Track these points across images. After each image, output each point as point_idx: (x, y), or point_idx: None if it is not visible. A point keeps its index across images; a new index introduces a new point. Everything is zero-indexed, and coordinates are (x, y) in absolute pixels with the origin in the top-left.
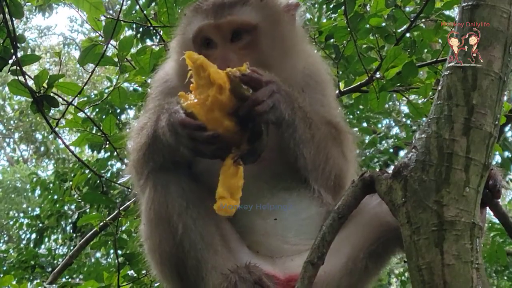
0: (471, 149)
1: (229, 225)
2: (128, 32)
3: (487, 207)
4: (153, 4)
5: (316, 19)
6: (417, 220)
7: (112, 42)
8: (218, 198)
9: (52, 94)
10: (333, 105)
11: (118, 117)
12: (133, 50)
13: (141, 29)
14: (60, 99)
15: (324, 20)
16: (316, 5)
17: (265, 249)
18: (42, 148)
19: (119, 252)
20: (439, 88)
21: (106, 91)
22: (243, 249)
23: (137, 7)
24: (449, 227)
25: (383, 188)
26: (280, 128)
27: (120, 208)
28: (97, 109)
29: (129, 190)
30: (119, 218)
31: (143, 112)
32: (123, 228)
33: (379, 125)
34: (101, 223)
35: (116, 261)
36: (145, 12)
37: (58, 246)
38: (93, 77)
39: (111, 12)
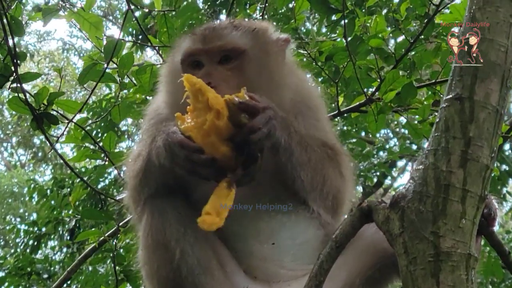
0: (468, 181)
1: (226, 250)
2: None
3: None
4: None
5: (314, 34)
6: (414, 251)
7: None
8: (204, 214)
9: (52, 111)
10: (327, 129)
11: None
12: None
13: (140, 36)
14: (61, 115)
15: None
16: (315, 19)
17: (262, 274)
18: (40, 153)
19: (118, 267)
20: (437, 120)
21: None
22: (240, 274)
23: (135, 18)
24: (445, 258)
25: (381, 218)
26: (277, 154)
27: (119, 224)
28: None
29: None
30: (118, 235)
31: (137, 142)
32: (122, 243)
33: (377, 135)
34: (100, 239)
35: (115, 277)
36: (143, 28)
37: (55, 253)
38: (91, 83)
39: (110, 18)
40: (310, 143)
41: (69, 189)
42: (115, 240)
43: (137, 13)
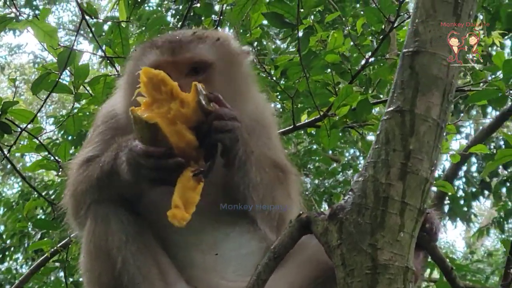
0: (407, 194)
1: (168, 260)
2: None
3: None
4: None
5: (270, 49)
6: (351, 263)
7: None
8: (174, 206)
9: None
10: (278, 148)
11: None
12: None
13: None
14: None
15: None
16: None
17: (203, 285)
18: (9, 166)
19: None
20: (378, 132)
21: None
22: (181, 284)
23: (89, 27)
24: (382, 270)
25: (319, 230)
26: (232, 168)
27: (71, 235)
28: (62, 132)
29: None
30: (70, 245)
31: (86, 143)
32: (74, 254)
33: (346, 154)
34: (52, 250)
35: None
36: (102, 37)
37: (19, 266)
38: (62, 96)
39: (82, 32)
40: (263, 163)
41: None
42: (68, 250)
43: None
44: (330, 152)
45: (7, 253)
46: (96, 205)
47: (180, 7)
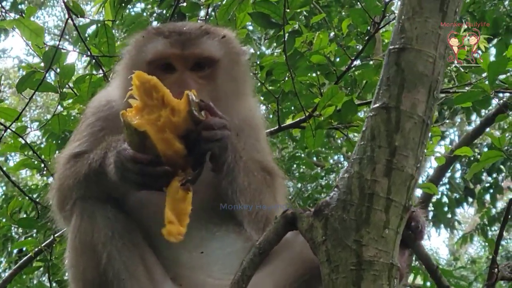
0: (392, 191)
1: (154, 257)
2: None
3: (410, 248)
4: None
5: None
6: (336, 259)
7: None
8: (168, 223)
9: None
10: (266, 150)
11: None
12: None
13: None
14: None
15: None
16: (261, 40)
17: (189, 283)
18: None
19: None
20: (363, 129)
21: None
22: (167, 282)
23: (75, 27)
24: (367, 267)
25: (305, 226)
26: (220, 173)
27: (55, 235)
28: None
29: None
30: (54, 245)
31: (74, 136)
32: (58, 254)
33: (330, 160)
34: (36, 249)
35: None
36: (86, 41)
37: (1, 270)
38: (47, 101)
39: (66, 37)
40: (251, 167)
41: (19, 207)
42: (51, 250)
43: (82, 23)
44: (315, 158)
45: None
46: (83, 201)
47: (164, 11)
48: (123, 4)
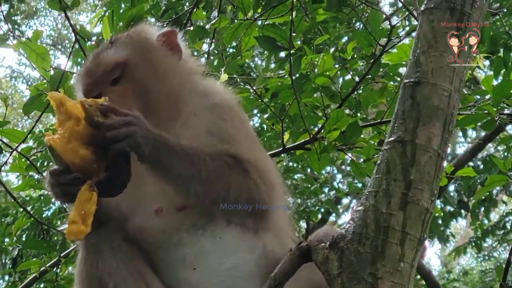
0: (407, 224)
1: (158, 281)
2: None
3: None
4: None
5: (261, 71)
6: None
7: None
8: (70, 223)
9: None
10: (236, 135)
11: None
12: None
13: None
14: (5, 144)
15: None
16: (263, 55)
17: None
18: None
19: None
20: (378, 162)
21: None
22: None
23: (82, 50)
24: None
25: (320, 258)
26: (151, 169)
27: (61, 255)
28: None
29: None
30: (59, 265)
31: None
32: (64, 274)
33: (323, 172)
34: (41, 269)
35: None
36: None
37: None
38: (42, 119)
39: (59, 47)
40: (197, 154)
41: (12, 218)
42: (57, 270)
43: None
44: (309, 170)
45: None
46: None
47: (165, 24)
48: (132, 24)
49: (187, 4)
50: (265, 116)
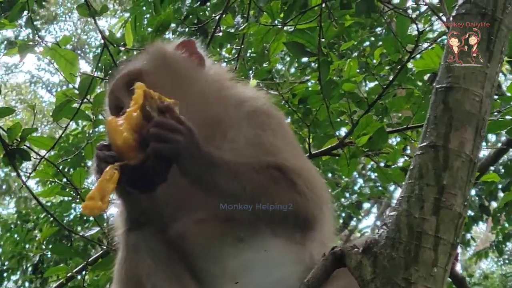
0: (441, 229)
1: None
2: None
3: None
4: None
5: (288, 76)
6: None
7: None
8: (87, 199)
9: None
10: (278, 144)
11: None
12: None
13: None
14: (31, 149)
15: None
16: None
17: None
18: (4, 186)
19: None
20: (411, 167)
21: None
22: None
23: (110, 55)
24: None
25: (353, 263)
26: (191, 182)
27: (88, 260)
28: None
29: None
30: (86, 271)
31: None
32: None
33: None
34: (68, 275)
35: None
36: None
37: (19, 287)
38: (62, 124)
39: (79, 52)
40: (242, 169)
41: (33, 224)
42: (85, 276)
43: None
44: (330, 175)
45: (5, 274)
46: (128, 233)
47: (186, 29)
48: (161, 29)
49: (209, 9)
50: (288, 120)
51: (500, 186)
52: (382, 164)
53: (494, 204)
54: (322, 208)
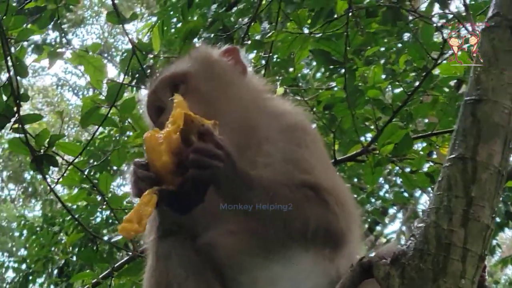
0: (469, 240)
1: None
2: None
3: None
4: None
5: (313, 83)
6: None
7: None
8: (125, 221)
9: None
10: (312, 162)
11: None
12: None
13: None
14: (59, 158)
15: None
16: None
17: None
18: (30, 189)
19: None
20: (439, 178)
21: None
22: None
23: (139, 61)
24: None
25: (381, 274)
26: (226, 203)
27: (115, 265)
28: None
29: (121, 249)
30: (112, 277)
31: None
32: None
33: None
34: (94, 281)
35: None
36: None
37: None
38: (90, 130)
39: (105, 55)
40: (277, 190)
41: (59, 227)
42: (112, 281)
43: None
44: (355, 179)
45: (30, 277)
46: (159, 240)
47: (212, 35)
48: (189, 37)
49: (234, 15)
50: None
51: None
52: (407, 170)
53: None
54: (351, 225)
